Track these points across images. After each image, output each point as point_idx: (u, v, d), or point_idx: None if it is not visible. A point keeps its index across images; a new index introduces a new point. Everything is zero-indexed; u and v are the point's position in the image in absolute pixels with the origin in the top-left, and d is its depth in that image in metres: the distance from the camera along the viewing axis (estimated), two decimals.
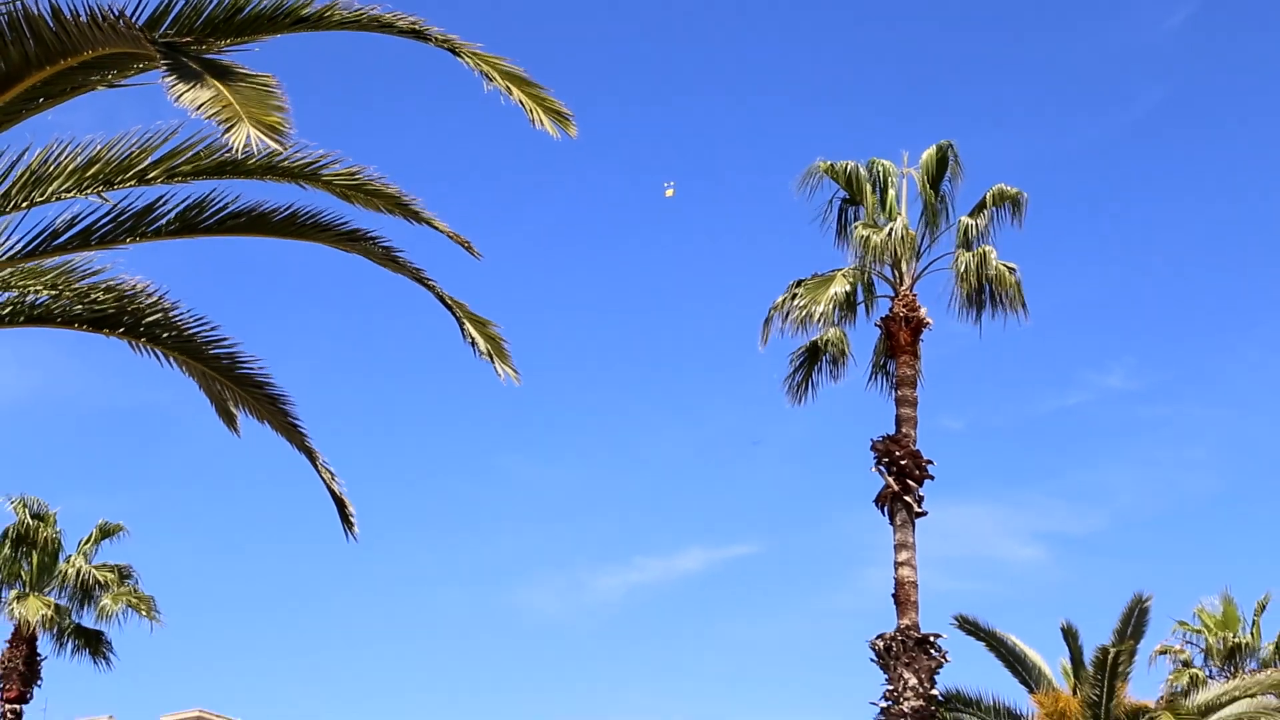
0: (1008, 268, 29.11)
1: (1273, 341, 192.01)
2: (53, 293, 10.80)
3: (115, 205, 10.17)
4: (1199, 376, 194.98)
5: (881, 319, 29.38)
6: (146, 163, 9.93)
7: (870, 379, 30.25)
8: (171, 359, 11.20)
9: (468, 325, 10.67)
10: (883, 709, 27.61)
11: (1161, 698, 27.63)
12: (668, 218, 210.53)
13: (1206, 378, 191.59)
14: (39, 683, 40.41)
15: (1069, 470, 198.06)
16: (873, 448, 28.79)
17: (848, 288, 29.14)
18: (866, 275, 29.54)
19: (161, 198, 10.15)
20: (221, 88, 7.65)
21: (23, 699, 40.39)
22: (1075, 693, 26.46)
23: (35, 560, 40.32)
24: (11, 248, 10.34)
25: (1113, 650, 26.51)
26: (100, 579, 40.59)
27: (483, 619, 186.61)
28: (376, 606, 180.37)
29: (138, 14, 8.74)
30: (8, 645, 39.95)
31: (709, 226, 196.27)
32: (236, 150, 7.65)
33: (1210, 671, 40.44)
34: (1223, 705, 28.24)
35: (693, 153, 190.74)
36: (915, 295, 29.19)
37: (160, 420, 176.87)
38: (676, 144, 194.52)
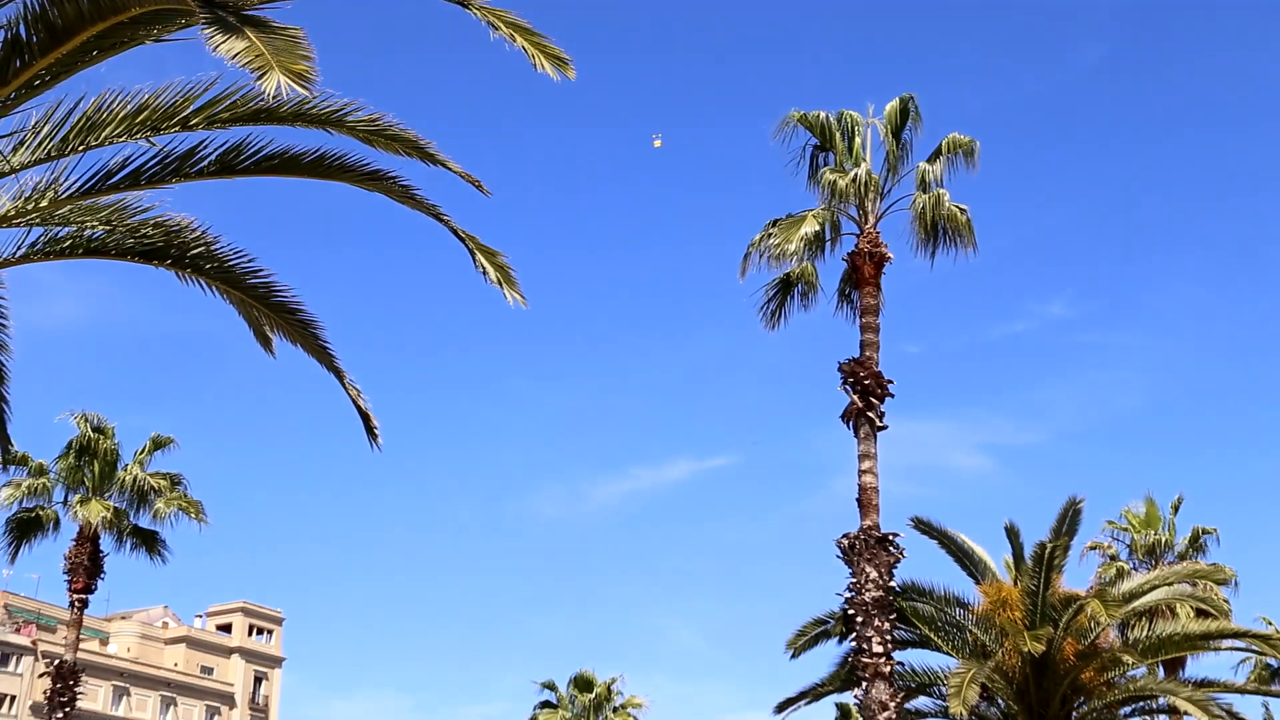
0: (959, 209, 29.10)
1: (1194, 274, 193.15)
2: (107, 228, 10.76)
3: (162, 149, 10.15)
4: (1129, 306, 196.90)
5: (847, 254, 29.32)
6: (189, 110, 9.90)
7: (837, 308, 30.17)
8: (214, 288, 11.15)
9: (479, 256, 10.47)
10: (847, 599, 27.57)
11: (1091, 588, 27.55)
12: (657, 164, 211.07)
13: (1136, 307, 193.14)
14: (102, 576, 40.80)
15: (1013, 390, 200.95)
16: (840, 369, 28.75)
17: (817, 227, 29.11)
18: (834, 215, 29.46)
19: (203, 142, 10.16)
20: (255, 39, 7.79)
21: (88, 590, 40.77)
22: (1016, 584, 26.42)
23: (96, 469, 40.51)
24: (70, 187, 10.46)
25: (1049, 546, 26.48)
26: (154, 485, 40.94)
27: (494, 522, 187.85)
28: (399, 511, 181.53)
29: None
30: (74, 543, 40.24)
31: (693, 172, 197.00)
32: (269, 96, 8.08)
33: (1134, 564, 40.67)
34: (1144, 593, 28.27)
35: (679, 104, 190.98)
36: (878, 233, 29.15)
37: (204, 345, 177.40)
38: (665, 96, 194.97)
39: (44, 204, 10.33)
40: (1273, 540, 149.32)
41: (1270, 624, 40.36)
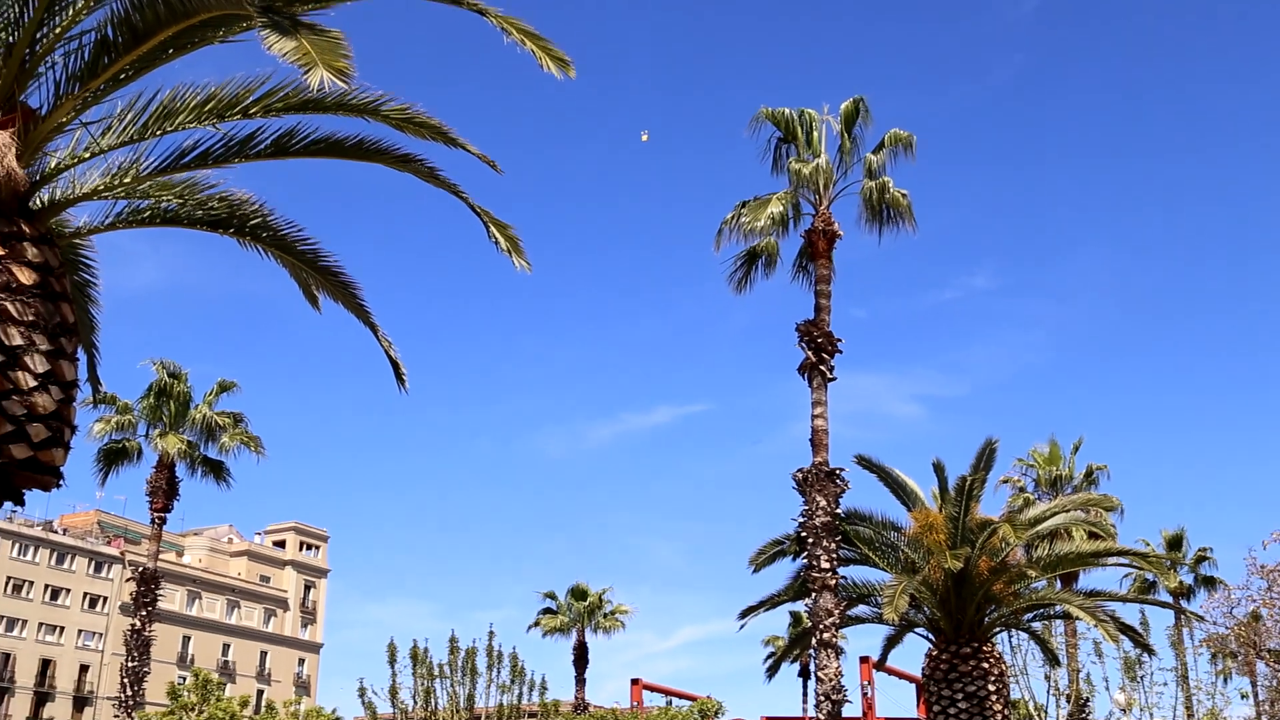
0: (901, 193, 29.10)
1: (1089, 253, 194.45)
2: (180, 201, 10.74)
3: (225, 133, 10.10)
4: (1040, 277, 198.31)
5: (805, 232, 29.28)
6: (249, 100, 9.88)
7: (795, 277, 30.10)
8: (269, 253, 11.15)
9: (492, 228, 10.43)
10: (800, 523, 27.62)
11: (1003, 514, 27.61)
12: (645, 155, 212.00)
13: (1043, 279, 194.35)
14: (177, 498, 41.08)
15: (942, 348, 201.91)
16: (797, 329, 28.76)
17: (781, 208, 29.07)
18: (795, 198, 29.39)
19: (260, 128, 10.18)
20: (303, 40, 7.81)
21: (166, 509, 41.05)
22: (941, 511, 26.42)
23: (172, 408, 40.61)
24: (149, 166, 10.41)
25: (968, 480, 26.50)
26: (220, 422, 41.15)
27: (506, 458, 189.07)
28: (427, 446, 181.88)
29: None
30: (154, 470, 40.47)
31: (676, 160, 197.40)
32: (314, 89, 8.13)
33: (1038, 495, 40.88)
34: (1046, 519, 28.37)
35: (664, 101, 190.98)
36: (831, 214, 29.11)
37: (262, 303, 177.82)
38: (651, 93, 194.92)
39: (127, 180, 10.29)
40: (1153, 474, 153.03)
41: (1148, 545, 40.64)
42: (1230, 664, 34.21)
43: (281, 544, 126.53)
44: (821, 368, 28.54)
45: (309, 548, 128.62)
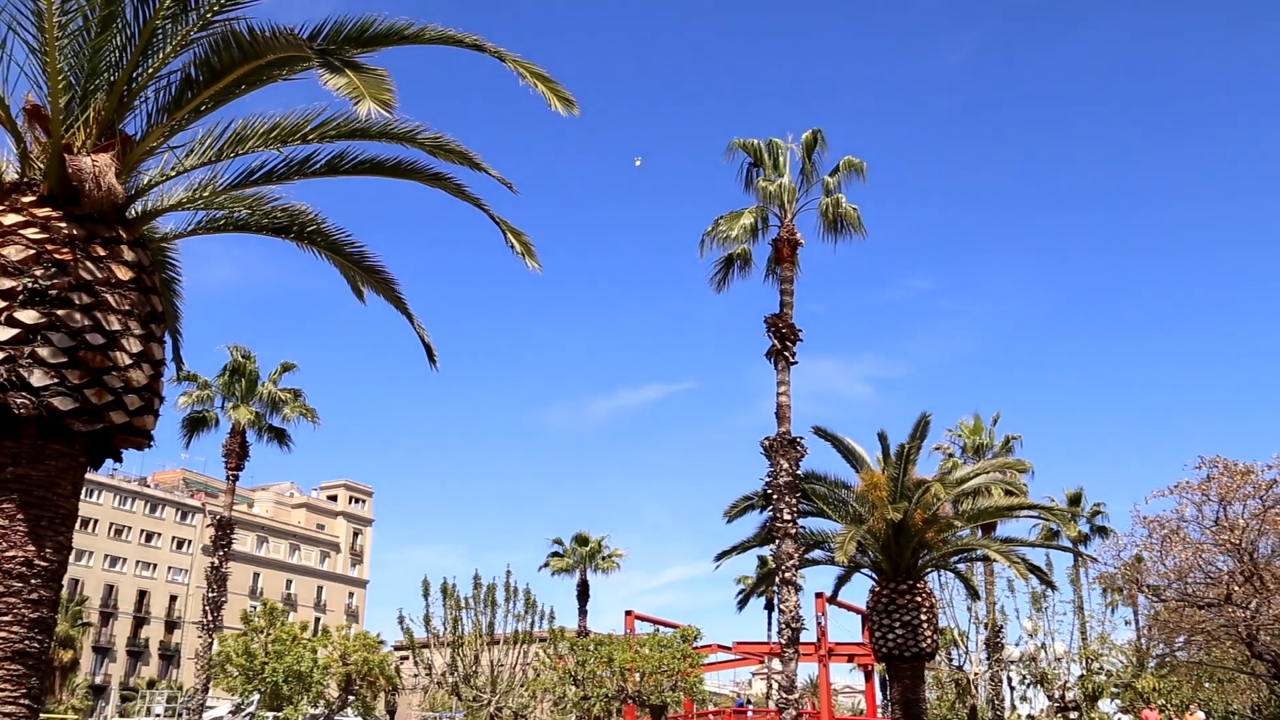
0: (852, 208, 29.06)
1: (1012, 261, 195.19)
2: (249, 211, 10.74)
3: (287, 155, 10.08)
4: (969, 279, 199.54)
5: (772, 240, 29.21)
6: (307, 128, 9.87)
7: (765, 278, 29.97)
8: (323, 255, 11.17)
9: (509, 235, 10.45)
10: (767, 482, 27.64)
11: (935, 475, 27.65)
12: (638, 179, 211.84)
13: (973, 279, 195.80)
14: (248, 460, 41.00)
15: (887, 338, 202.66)
16: (765, 321, 28.75)
17: (752, 220, 29.05)
18: (764, 212, 29.31)
19: (316, 151, 10.17)
20: (352, 76, 7.79)
21: (238, 469, 41.06)
22: (883, 472, 26.48)
23: (243, 384, 40.68)
24: (224, 181, 10.41)
25: (906, 446, 26.61)
26: (282, 397, 41.20)
27: (520, 428, 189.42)
28: (454, 417, 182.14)
29: (301, 30, 8.62)
30: (229, 436, 40.49)
31: (665, 182, 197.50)
32: (362, 118, 8.13)
33: (964, 459, 40.85)
34: (970, 479, 28.50)
35: (654, 133, 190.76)
36: (794, 225, 29.05)
37: (315, 296, 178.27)
38: (643, 126, 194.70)
39: (206, 194, 10.31)
40: (1058, 442, 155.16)
41: (1053, 501, 40.59)
42: (1117, 597, 34.48)
43: (334, 498, 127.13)
44: (785, 353, 28.58)
45: (356, 501, 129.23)
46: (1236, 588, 22.94)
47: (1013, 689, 36.28)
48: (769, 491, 27.64)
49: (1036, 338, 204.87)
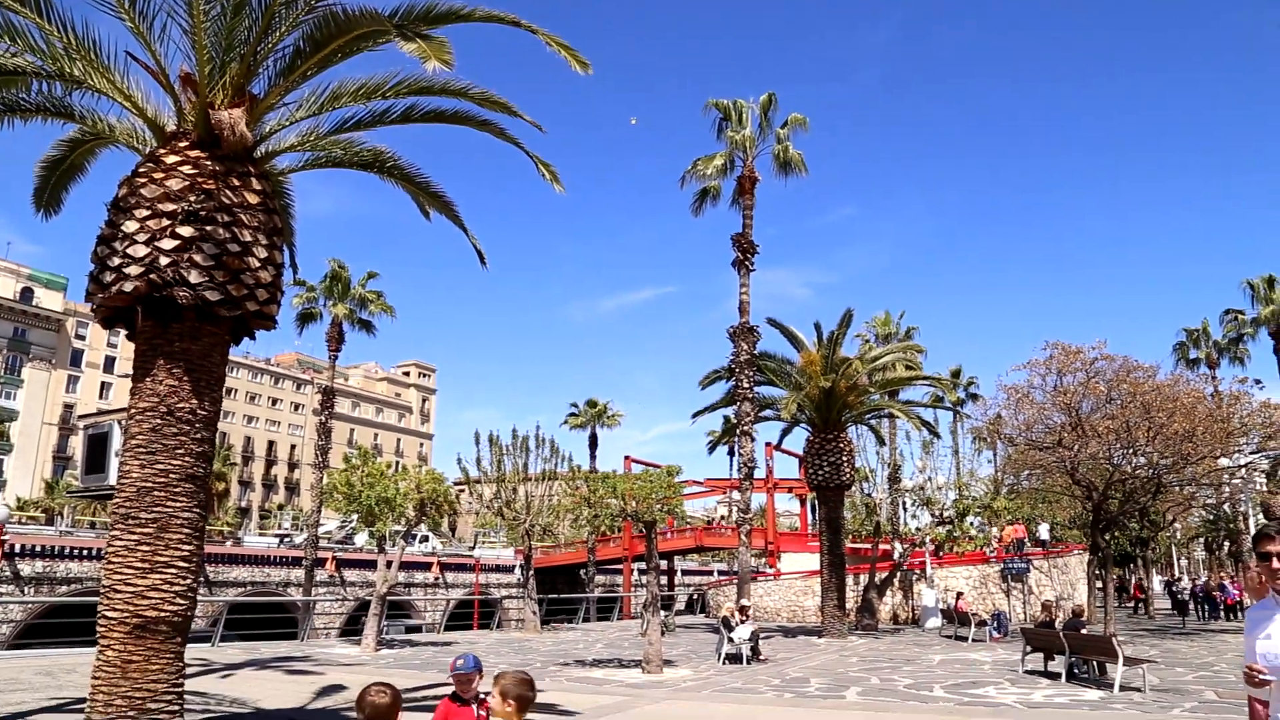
0: (798, 153, 28.78)
1: (921, 188, 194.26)
2: (343, 151, 10.50)
3: (371, 108, 9.81)
4: (886, 208, 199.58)
5: (737, 177, 28.94)
6: (386, 87, 9.52)
7: (731, 205, 29.77)
8: (398, 184, 10.93)
9: (540, 165, 10.24)
10: (731, 359, 27.81)
11: (855, 355, 27.70)
12: (636, 133, 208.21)
13: (890, 209, 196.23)
14: (343, 344, 40.82)
15: (823, 254, 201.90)
16: (731, 239, 28.56)
17: (721, 161, 28.75)
18: (731, 155, 28.99)
19: (392, 105, 9.80)
20: (421, 42, 7.53)
21: (337, 351, 40.96)
22: (818, 352, 26.54)
23: (340, 288, 40.33)
24: (325, 129, 10.01)
25: (835, 333, 26.64)
26: (369, 297, 40.85)
27: (550, 319, 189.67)
28: (498, 310, 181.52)
29: (382, 10, 8.32)
30: (330, 326, 40.34)
31: (655, 132, 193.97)
32: (429, 75, 8.02)
33: (877, 343, 40.91)
34: (881, 357, 28.58)
35: (649, 97, 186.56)
36: (754, 166, 28.76)
37: (391, 218, 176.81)
38: (639, 93, 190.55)
39: (311, 139, 10.05)
40: (944, 331, 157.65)
41: (940, 374, 40.86)
42: (982, 444, 34.83)
43: (407, 373, 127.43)
44: (746, 263, 28.48)
45: (424, 375, 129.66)
46: (1066, 435, 23.28)
47: (905, 509, 36.95)
48: (733, 366, 27.81)
49: (933, 252, 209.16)
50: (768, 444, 44.58)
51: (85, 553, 36.23)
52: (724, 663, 18.30)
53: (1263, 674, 3.62)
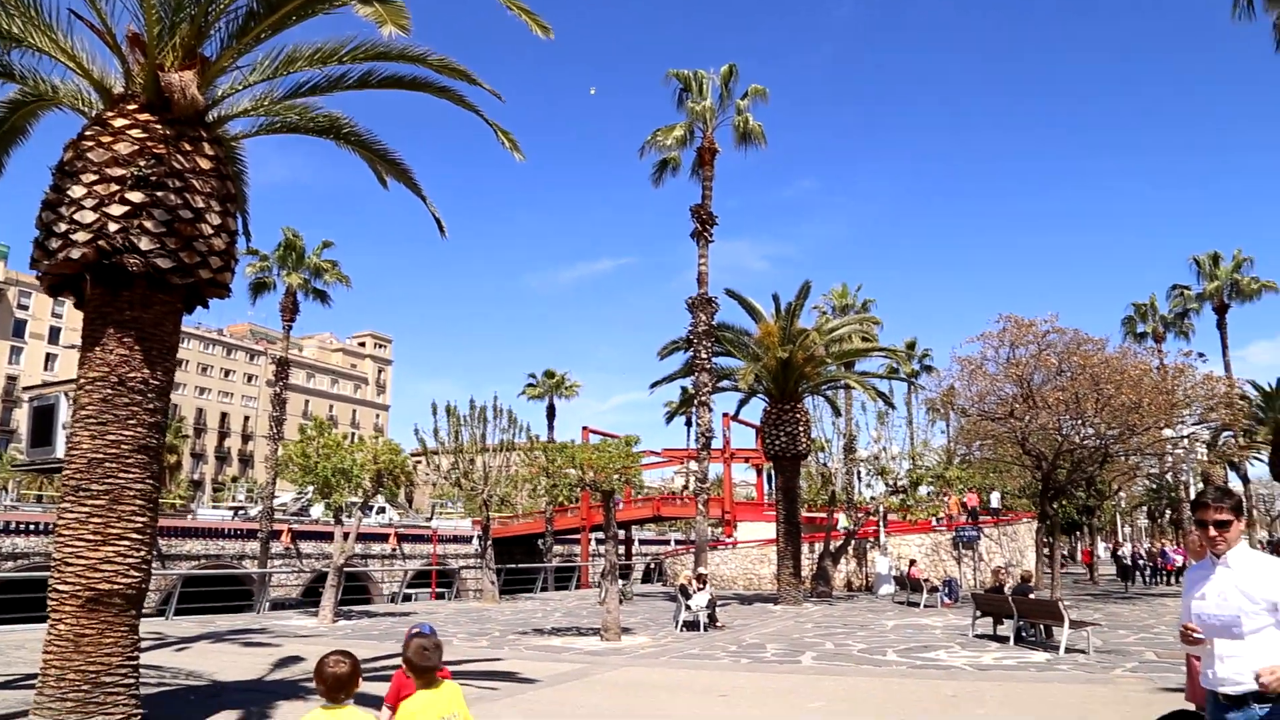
0: (758, 125, 28.64)
1: (879, 164, 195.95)
2: (298, 117, 10.23)
3: (327, 73, 9.57)
4: (845, 182, 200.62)
5: (697, 148, 28.81)
6: (343, 51, 9.25)
7: (690, 176, 29.64)
8: (355, 151, 10.67)
9: (499, 133, 10.07)
10: (689, 330, 27.84)
11: (813, 326, 27.86)
12: (595, 104, 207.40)
13: (848, 182, 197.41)
14: (298, 314, 40.15)
15: (782, 226, 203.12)
16: (691, 210, 28.51)
17: (681, 132, 28.58)
18: (692, 126, 28.83)
19: (349, 70, 9.55)
20: (378, 5, 7.43)
21: (292, 321, 40.28)
22: (775, 323, 26.66)
23: (294, 257, 39.56)
24: (280, 94, 9.75)
25: (793, 304, 26.74)
26: (324, 266, 40.09)
27: (509, 288, 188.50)
28: (456, 279, 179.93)
29: None
30: (284, 296, 39.51)
31: (615, 102, 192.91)
32: (385, 39, 7.88)
33: (834, 315, 41.24)
34: (838, 329, 28.81)
35: (609, 67, 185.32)
36: (714, 137, 28.64)
37: (348, 187, 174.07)
38: (599, 63, 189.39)
39: (266, 104, 9.78)
40: (900, 304, 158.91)
41: (895, 347, 41.42)
42: (936, 415, 35.39)
43: (363, 344, 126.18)
44: (705, 234, 28.46)
45: (380, 346, 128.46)
46: (1017, 406, 23.71)
47: (860, 479, 37.48)
48: (691, 337, 27.87)
49: (891, 226, 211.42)
50: (725, 415, 44.90)
51: (32, 527, 35.52)
52: (682, 630, 18.50)
53: (1196, 633, 3.81)
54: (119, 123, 8.08)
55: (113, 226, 7.61)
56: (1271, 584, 3.56)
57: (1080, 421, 23.62)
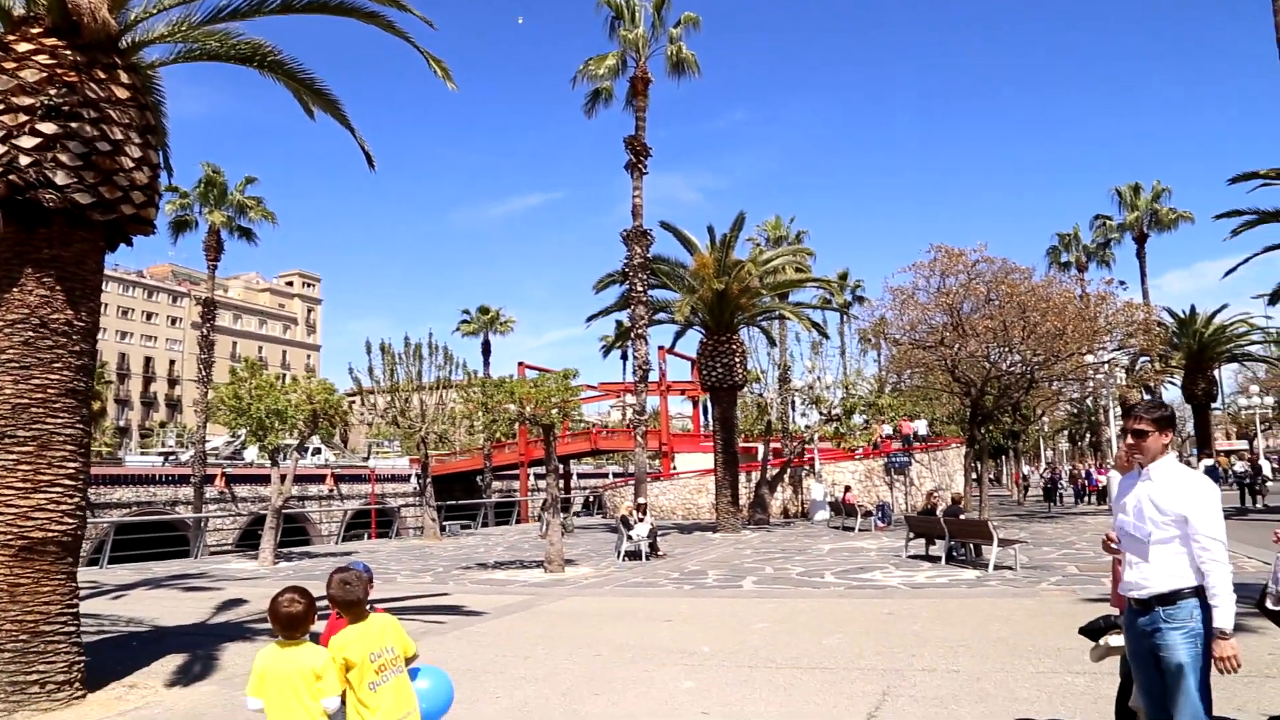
0: (691, 54, 28.16)
1: (808, 95, 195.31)
2: (218, 44, 9.75)
3: None
4: (776, 113, 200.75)
5: (630, 78, 28.27)
6: None
7: (624, 107, 29.16)
8: (280, 80, 10.18)
9: (431, 62, 9.76)
10: (625, 263, 27.73)
11: (747, 258, 27.94)
12: (523, 33, 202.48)
13: (779, 113, 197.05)
14: (223, 253, 38.93)
15: (715, 157, 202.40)
16: (624, 141, 28.14)
17: (614, 61, 28.00)
18: (624, 56, 28.26)
19: None
20: None
21: (216, 260, 39.12)
22: (710, 255, 26.70)
23: (216, 193, 38.24)
24: (198, 19, 9.30)
25: (727, 236, 26.80)
26: (248, 203, 38.84)
27: (439, 226, 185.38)
28: (385, 214, 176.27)
29: None
30: (207, 235, 38.50)
31: (544, 33, 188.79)
32: None
33: (768, 247, 41.31)
34: (772, 260, 29.00)
35: None
36: (647, 67, 28.12)
37: (273, 120, 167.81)
38: None
39: (184, 29, 9.29)
40: (832, 234, 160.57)
41: (829, 278, 41.84)
42: (868, 344, 36.02)
43: (290, 283, 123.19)
44: (639, 166, 28.16)
45: (309, 285, 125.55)
46: (947, 335, 24.23)
47: (795, 408, 38.11)
48: (626, 270, 27.78)
49: (821, 157, 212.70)
50: (661, 347, 45.11)
51: None
52: (624, 560, 18.79)
53: (1114, 542, 4.08)
54: (23, 47, 7.60)
55: (24, 160, 7.21)
56: (1181, 497, 3.70)
57: (1007, 349, 24.26)
